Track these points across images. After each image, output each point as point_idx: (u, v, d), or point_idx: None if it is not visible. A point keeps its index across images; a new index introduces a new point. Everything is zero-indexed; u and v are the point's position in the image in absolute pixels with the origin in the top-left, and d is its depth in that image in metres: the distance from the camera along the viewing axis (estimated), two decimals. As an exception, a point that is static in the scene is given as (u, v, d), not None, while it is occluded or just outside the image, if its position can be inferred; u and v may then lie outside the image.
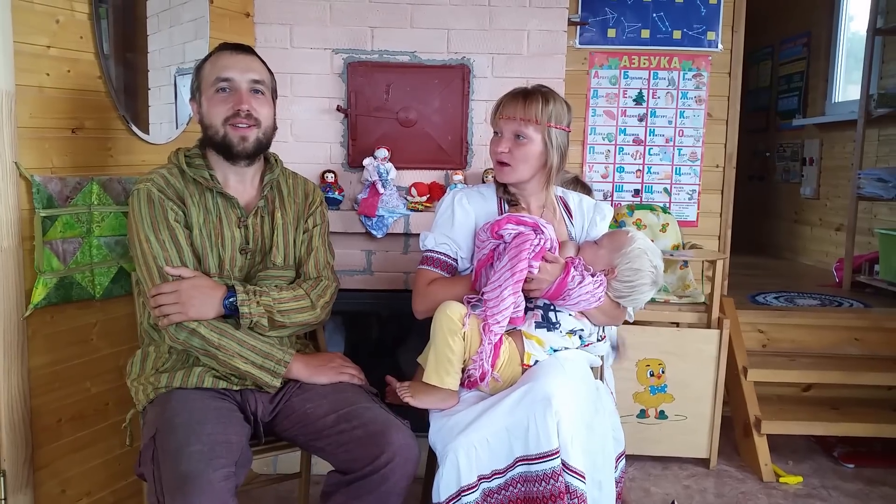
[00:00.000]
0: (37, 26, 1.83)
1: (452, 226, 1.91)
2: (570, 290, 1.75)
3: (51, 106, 1.88)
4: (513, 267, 1.70)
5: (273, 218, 1.82)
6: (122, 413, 1.92)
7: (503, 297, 1.70)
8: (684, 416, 2.74)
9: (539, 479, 1.58)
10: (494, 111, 1.88)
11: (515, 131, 1.83)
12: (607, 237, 1.90)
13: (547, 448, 1.58)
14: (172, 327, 1.64)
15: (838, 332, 3.08)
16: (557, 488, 1.57)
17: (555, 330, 1.81)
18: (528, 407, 1.61)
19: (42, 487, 1.90)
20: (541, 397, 1.61)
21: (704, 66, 3.11)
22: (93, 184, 1.95)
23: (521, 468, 1.61)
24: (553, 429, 1.58)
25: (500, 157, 1.84)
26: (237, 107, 1.71)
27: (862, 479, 2.69)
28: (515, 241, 1.73)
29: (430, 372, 1.74)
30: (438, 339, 1.74)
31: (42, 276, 1.84)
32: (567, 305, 1.79)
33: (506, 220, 1.78)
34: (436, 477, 1.62)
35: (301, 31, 2.64)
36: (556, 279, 1.75)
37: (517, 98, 1.84)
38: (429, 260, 1.91)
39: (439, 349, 1.73)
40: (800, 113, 5.05)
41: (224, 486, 1.41)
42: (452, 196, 1.95)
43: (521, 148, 1.83)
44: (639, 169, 3.18)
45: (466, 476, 1.60)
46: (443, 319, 1.73)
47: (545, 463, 1.58)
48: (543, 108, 1.82)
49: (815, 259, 4.83)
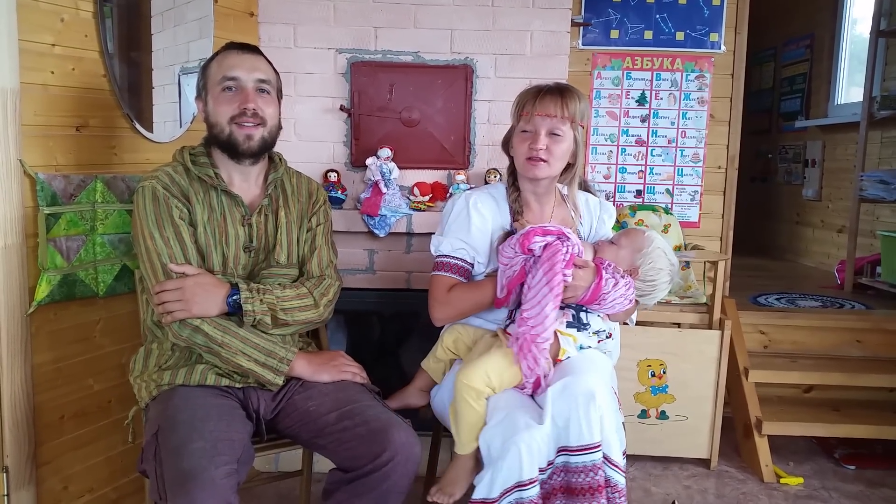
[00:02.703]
0: (42, 24, 1.84)
1: (469, 231, 1.86)
2: (606, 293, 1.74)
3: (55, 104, 1.89)
4: (549, 281, 1.66)
5: (277, 216, 1.83)
6: (125, 410, 1.93)
7: (546, 313, 1.66)
8: (685, 417, 2.74)
9: (579, 470, 1.59)
10: (522, 106, 1.83)
11: (551, 128, 1.79)
12: (625, 238, 1.87)
13: (589, 441, 1.59)
14: (176, 324, 1.65)
15: (840, 334, 3.08)
16: (597, 481, 1.58)
17: (585, 330, 1.81)
18: (571, 399, 1.61)
19: (45, 484, 1.91)
20: (584, 390, 1.62)
21: (707, 68, 3.11)
22: (97, 182, 1.96)
23: (561, 458, 1.62)
24: (597, 422, 1.59)
25: (539, 154, 1.80)
26: (243, 106, 1.71)
27: (863, 481, 2.69)
28: (546, 254, 1.69)
29: (463, 444, 1.71)
30: (463, 409, 1.70)
31: (46, 274, 1.84)
32: (603, 309, 1.79)
33: (532, 232, 1.73)
34: (486, 474, 1.61)
35: (305, 30, 2.65)
36: (590, 285, 1.73)
37: (553, 94, 1.80)
38: (445, 266, 1.87)
39: (466, 419, 1.70)
40: (802, 115, 5.05)
41: (226, 484, 1.41)
42: (465, 199, 1.90)
43: (557, 145, 1.80)
44: (641, 170, 3.18)
45: (529, 471, 1.58)
46: (463, 390, 1.69)
47: (586, 455, 1.59)
48: (578, 106, 1.81)
49: (816, 261, 4.83)
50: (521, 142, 1.83)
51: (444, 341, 1.97)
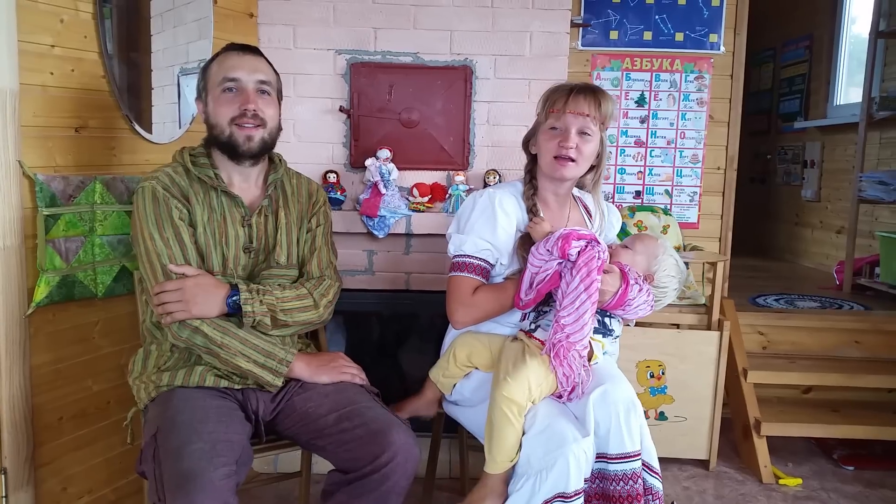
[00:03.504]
0: (41, 25, 1.84)
1: (496, 231, 1.79)
2: (632, 299, 1.72)
3: (54, 105, 1.89)
4: (588, 287, 1.62)
5: (277, 217, 1.83)
6: (124, 411, 1.92)
7: (585, 320, 1.62)
8: (684, 418, 2.75)
9: (618, 478, 1.58)
10: (553, 103, 1.79)
11: (582, 127, 1.77)
12: (640, 243, 1.85)
13: (630, 449, 1.59)
14: (175, 325, 1.65)
15: (838, 335, 3.08)
16: (636, 489, 1.57)
17: (609, 336, 1.80)
18: (611, 407, 1.61)
19: (43, 485, 1.91)
20: (623, 398, 1.62)
21: (706, 69, 3.11)
22: (96, 183, 1.96)
23: (598, 465, 1.61)
24: (637, 431, 1.60)
25: (569, 153, 1.77)
26: (244, 107, 1.71)
27: (862, 482, 2.69)
28: (583, 260, 1.64)
29: (497, 463, 1.64)
30: (503, 426, 1.64)
31: (44, 275, 1.84)
32: (627, 314, 1.78)
33: (570, 236, 1.66)
34: (525, 483, 1.57)
35: (304, 31, 2.64)
36: (617, 290, 1.71)
37: (587, 93, 1.78)
38: (466, 266, 1.79)
39: (505, 436, 1.63)
40: (801, 115, 5.06)
41: (225, 485, 1.41)
42: (490, 198, 1.82)
43: (586, 145, 1.78)
44: (640, 171, 3.18)
45: (575, 482, 1.55)
46: (504, 405, 1.64)
47: (625, 464, 1.58)
48: (609, 107, 1.80)
49: (815, 261, 4.83)
50: (550, 139, 1.79)
51: (457, 357, 1.89)
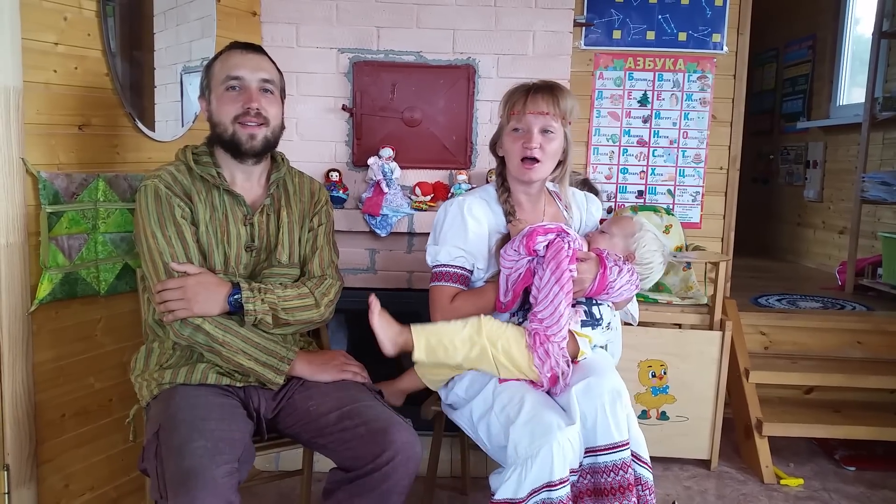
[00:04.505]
0: (45, 23, 1.84)
1: (466, 237, 1.83)
2: (612, 281, 1.75)
3: (58, 102, 1.89)
4: (559, 279, 1.67)
5: (279, 216, 1.83)
6: (126, 409, 1.93)
7: (560, 311, 1.67)
8: (686, 418, 2.74)
9: (608, 469, 1.59)
10: (512, 105, 1.80)
11: (544, 126, 1.78)
12: (615, 225, 1.89)
13: (618, 439, 1.59)
14: (177, 323, 1.65)
15: (840, 335, 3.08)
16: (627, 479, 1.58)
17: (598, 326, 1.81)
18: (596, 399, 1.61)
19: (45, 482, 1.91)
20: (609, 389, 1.62)
21: (709, 69, 3.11)
22: (99, 180, 1.96)
23: (588, 459, 1.62)
24: (624, 420, 1.60)
25: (533, 153, 1.78)
26: (247, 105, 1.71)
27: (863, 483, 2.69)
28: (550, 253, 1.69)
29: (422, 350, 1.72)
30: (457, 324, 1.72)
31: (47, 272, 1.84)
32: (611, 298, 1.80)
33: (535, 233, 1.72)
34: (512, 473, 1.58)
35: (307, 30, 2.65)
36: (595, 276, 1.75)
37: (544, 92, 1.79)
38: (444, 275, 1.84)
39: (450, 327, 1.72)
40: (804, 115, 5.05)
41: (227, 483, 1.41)
42: (458, 206, 1.86)
43: (550, 143, 1.79)
44: (643, 170, 3.18)
45: (560, 471, 1.55)
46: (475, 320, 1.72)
47: (615, 454, 1.59)
48: (569, 103, 1.80)
49: (817, 262, 4.82)
50: (513, 141, 1.81)
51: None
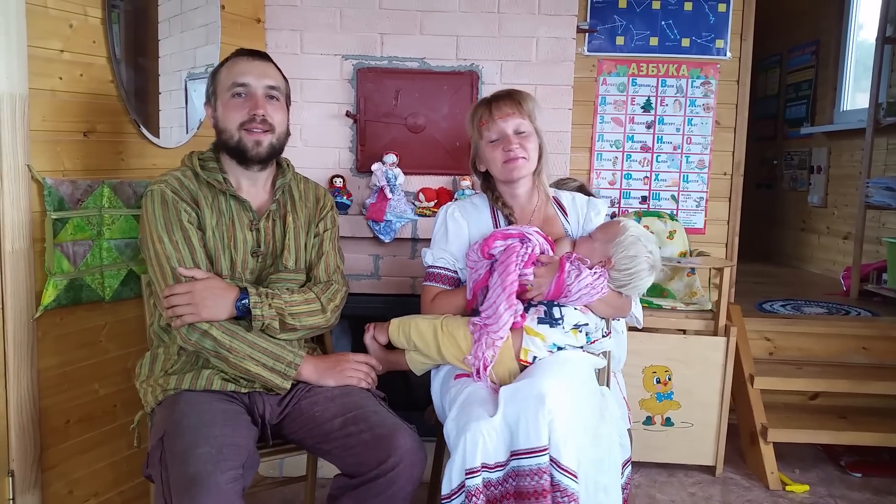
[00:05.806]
0: (51, 30, 1.85)
1: (447, 240, 1.97)
2: (569, 285, 1.78)
3: (63, 109, 1.90)
4: (503, 281, 1.76)
5: (285, 222, 1.83)
6: (131, 415, 1.93)
7: (500, 312, 1.74)
8: (690, 424, 2.74)
9: (528, 473, 1.58)
10: (479, 119, 1.92)
11: (516, 128, 1.88)
12: (600, 229, 1.92)
13: (536, 444, 1.58)
14: (185, 328, 1.65)
15: (846, 341, 3.07)
16: (542, 485, 1.56)
17: (558, 326, 1.81)
18: (521, 402, 1.61)
19: (50, 488, 1.91)
20: (534, 394, 1.61)
21: (713, 74, 3.11)
22: (104, 187, 1.97)
23: (514, 462, 1.61)
24: (544, 426, 1.58)
25: (515, 153, 1.87)
26: (253, 112, 1.72)
27: (869, 489, 2.67)
28: (502, 256, 1.80)
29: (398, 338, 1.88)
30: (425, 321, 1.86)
31: (52, 278, 1.85)
32: (570, 301, 1.81)
33: (492, 238, 1.84)
34: (447, 466, 1.61)
35: (311, 37, 2.66)
36: (552, 279, 1.78)
37: (504, 97, 1.90)
38: (431, 276, 1.98)
39: (419, 321, 1.86)
40: (808, 121, 5.05)
41: (231, 489, 1.41)
42: (444, 211, 2.01)
43: (527, 141, 1.89)
44: (646, 176, 3.18)
45: (471, 460, 1.58)
46: (440, 319, 1.86)
47: (532, 458, 1.58)
48: (530, 104, 1.90)
49: (822, 267, 4.81)
50: (493, 150, 1.90)
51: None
